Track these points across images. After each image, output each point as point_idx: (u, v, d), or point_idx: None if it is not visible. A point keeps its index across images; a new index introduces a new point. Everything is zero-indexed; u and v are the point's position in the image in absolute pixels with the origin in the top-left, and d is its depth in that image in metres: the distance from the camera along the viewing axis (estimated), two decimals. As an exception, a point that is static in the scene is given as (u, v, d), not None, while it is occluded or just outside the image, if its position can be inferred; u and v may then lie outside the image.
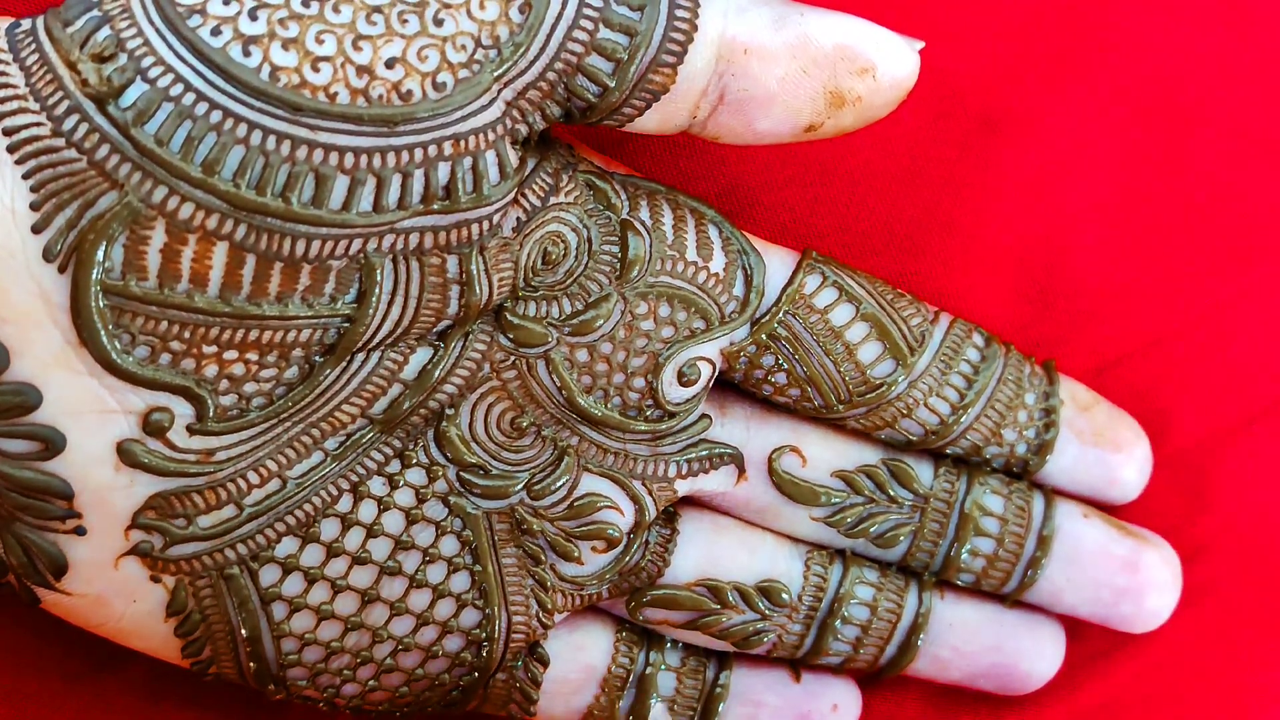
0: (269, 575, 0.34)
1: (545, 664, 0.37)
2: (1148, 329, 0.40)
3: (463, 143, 0.31)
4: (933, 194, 0.39)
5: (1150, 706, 0.41)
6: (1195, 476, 0.41)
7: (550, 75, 0.31)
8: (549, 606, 0.36)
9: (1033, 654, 0.39)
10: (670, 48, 0.32)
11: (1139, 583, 0.38)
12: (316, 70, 0.30)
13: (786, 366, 0.36)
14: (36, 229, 0.29)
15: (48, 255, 0.30)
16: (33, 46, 0.30)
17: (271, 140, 0.30)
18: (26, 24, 0.31)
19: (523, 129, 0.32)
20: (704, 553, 0.37)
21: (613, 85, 0.32)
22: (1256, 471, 0.41)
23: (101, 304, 0.30)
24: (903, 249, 0.39)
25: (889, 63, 0.33)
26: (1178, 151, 0.39)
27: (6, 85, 0.30)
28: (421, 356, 0.33)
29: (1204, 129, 0.39)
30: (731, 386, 0.37)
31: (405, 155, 0.30)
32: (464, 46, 0.31)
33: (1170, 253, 0.40)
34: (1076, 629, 0.39)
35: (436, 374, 0.34)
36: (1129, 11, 0.38)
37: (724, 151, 0.38)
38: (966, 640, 0.39)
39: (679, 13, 0.32)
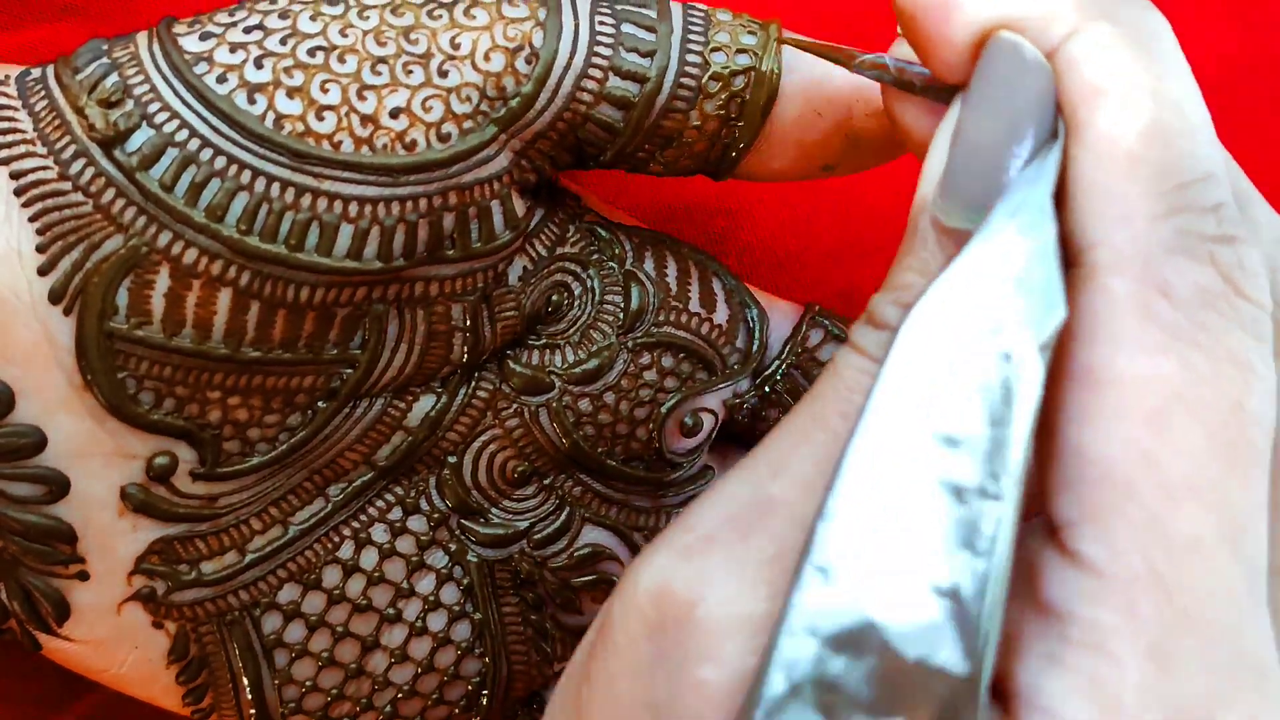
0: (271, 622, 0.34)
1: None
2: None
3: (468, 193, 0.31)
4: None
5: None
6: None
7: (560, 125, 0.32)
8: (550, 656, 0.36)
9: None
10: (681, 94, 0.32)
11: None
12: (321, 119, 0.30)
13: None
14: (42, 271, 0.30)
15: (53, 298, 0.30)
16: (42, 93, 0.31)
17: (275, 187, 0.30)
18: (37, 72, 0.31)
19: (532, 177, 0.32)
20: None
21: (624, 132, 0.32)
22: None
23: (106, 347, 0.30)
24: (902, 248, 0.39)
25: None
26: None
27: (15, 130, 0.30)
28: (425, 404, 0.34)
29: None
30: (734, 439, 0.37)
31: (410, 205, 0.31)
32: (469, 98, 0.31)
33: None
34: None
35: (440, 421, 0.34)
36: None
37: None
38: None
39: (690, 58, 0.32)
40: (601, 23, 0.32)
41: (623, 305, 0.35)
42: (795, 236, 0.39)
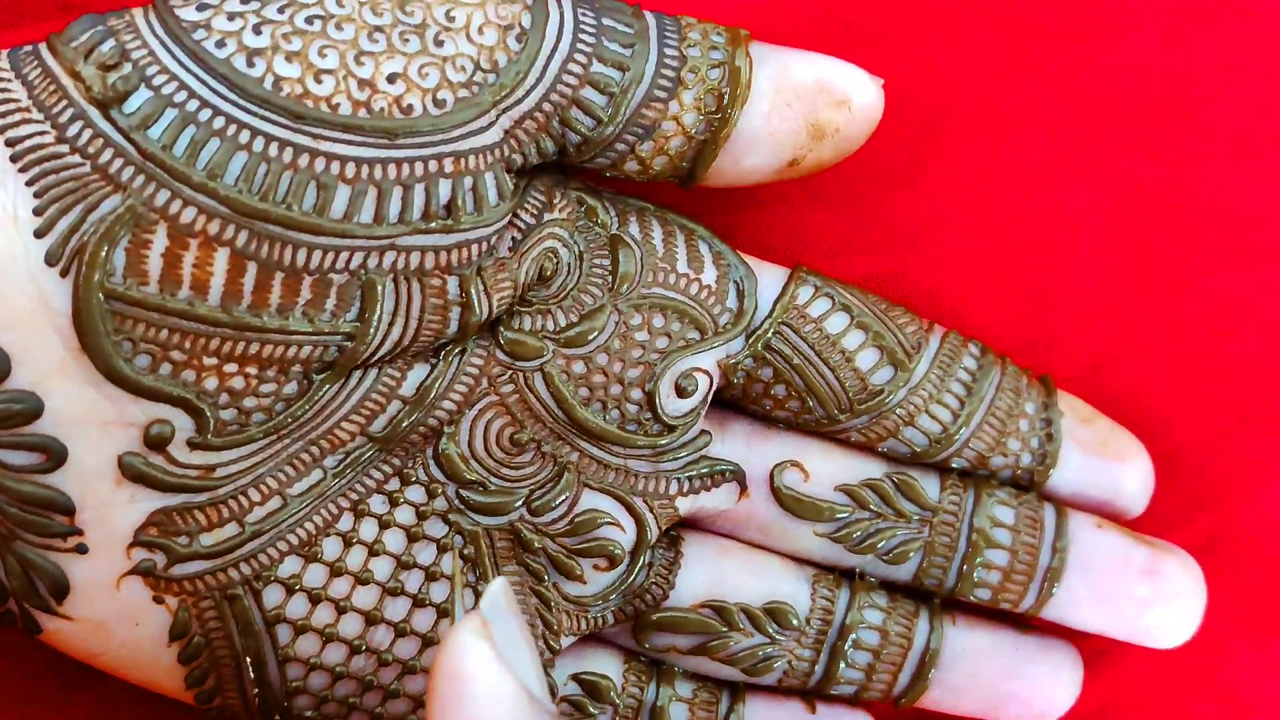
0: (273, 596, 0.34)
1: (554, 693, 0.37)
2: (1146, 328, 0.40)
3: (463, 161, 0.32)
4: (931, 192, 0.39)
5: (1149, 709, 0.41)
6: (1194, 476, 0.40)
7: (546, 106, 0.32)
8: (554, 627, 0.36)
9: (1050, 680, 0.38)
10: (662, 84, 0.33)
11: (1161, 591, 0.37)
12: (319, 82, 0.30)
13: (785, 377, 0.36)
14: (39, 233, 0.30)
15: (50, 260, 0.30)
16: (35, 63, 0.31)
17: (274, 147, 0.30)
18: (28, 47, 0.31)
19: (518, 159, 0.33)
20: (709, 575, 0.37)
21: (606, 118, 0.33)
22: (1255, 470, 0.41)
23: (103, 308, 0.30)
24: (901, 247, 0.39)
25: (861, 95, 0.34)
26: (1177, 150, 0.39)
27: (9, 100, 0.30)
28: (419, 373, 0.34)
29: (1203, 128, 0.39)
30: (731, 405, 0.37)
31: (406, 168, 0.31)
32: (463, 68, 0.32)
33: (1169, 251, 0.40)
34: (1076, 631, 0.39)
35: (434, 390, 0.34)
36: (1128, 10, 0.39)
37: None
38: (981, 667, 0.38)
39: (668, 50, 0.33)
40: (584, 13, 0.33)
41: (610, 268, 0.35)
42: (792, 233, 0.39)
